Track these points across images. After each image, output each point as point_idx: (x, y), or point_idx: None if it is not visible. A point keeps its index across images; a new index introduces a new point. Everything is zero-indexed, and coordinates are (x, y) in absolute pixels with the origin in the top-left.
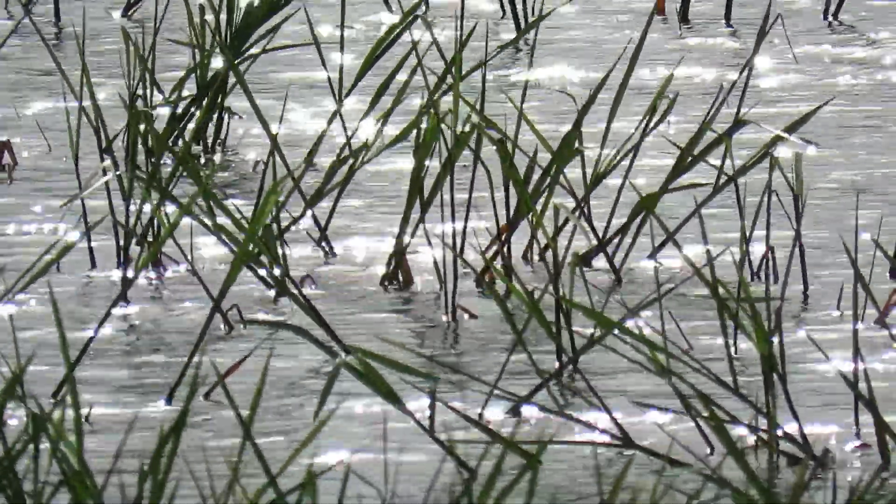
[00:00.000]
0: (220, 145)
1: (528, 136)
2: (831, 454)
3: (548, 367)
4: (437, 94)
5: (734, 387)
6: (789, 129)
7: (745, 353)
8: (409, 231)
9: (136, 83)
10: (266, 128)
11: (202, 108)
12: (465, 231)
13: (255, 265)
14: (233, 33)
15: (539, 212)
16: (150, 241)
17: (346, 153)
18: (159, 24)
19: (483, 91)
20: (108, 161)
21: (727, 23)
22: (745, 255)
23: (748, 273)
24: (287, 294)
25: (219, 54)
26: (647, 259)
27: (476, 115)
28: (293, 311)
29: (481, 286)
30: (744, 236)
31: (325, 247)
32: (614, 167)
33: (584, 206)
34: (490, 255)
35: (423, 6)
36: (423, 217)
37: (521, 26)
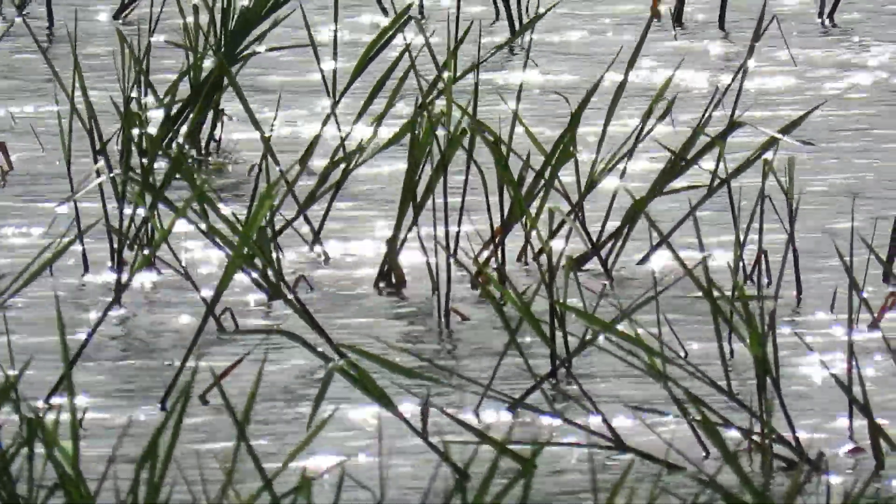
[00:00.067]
0: (214, 148)
1: (521, 139)
2: (825, 458)
3: (542, 371)
4: (431, 96)
5: (728, 390)
6: (783, 132)
7: (739, 357)
8: (403, 234)
9: (131, 85)
10: (259, 130)
11: (195, 110)
12: (459, 234)
13: (249, 268)
14: (227, 36)
15: (533, 215)
16: (144, 245)
17: (339, 156)
18: (154, 25)
19: (476, 92)
20: (101, 163)
21: (721, 26)
22: (739, 258)
23: (741, 277)
24: (281, 297)
25: (212, 56)
26: (641, 262)
27: (468, 118)
28: (287, 314)
29: (476, 287)
30: (738, 240)
31: (319, 250)
32: (609, 171)
33: (578, 210)
34: (484, 257)
35: (416, 9)
36: (416, 220)
37: (514, 28)
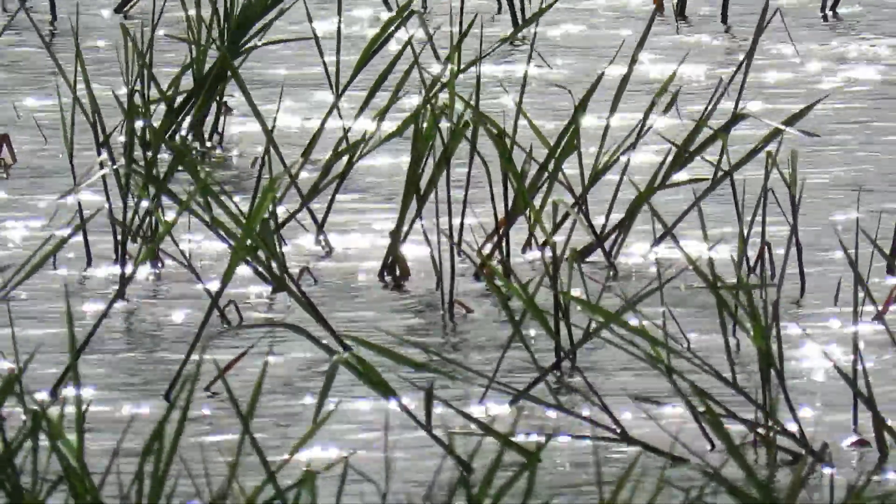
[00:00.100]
0: (217, 140)
1: (525, 131)
2: (829, 450)
3: (546, 363)
4: (434, 89)
5: (733, 382)
6: (786, 124)
7: (743, 349)
8: (406, 226)
9: (135, 78)
10: (262, 123)
11: (198, 103)
12: (462, 226)
13: (253, 261)
14: (230, 29)
15: (538, 207)
16: (148, 238)
17: (342, 148)
18: (157, 18)
19: (478, 85)
20: (104, 156)
21: (724, 19)
22: (743, 251)
23: (745, 269)
24: (284, 289)
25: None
26: (645, 255)
27: (470, 110)
28: (291, 307)
29: (480, 280)
30: (741, 232)
31: (322, 242)
32: (613, 163)
33: (582, 202)
34: (487, 250)
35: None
36: (419, 212)
37: (518, 21)
